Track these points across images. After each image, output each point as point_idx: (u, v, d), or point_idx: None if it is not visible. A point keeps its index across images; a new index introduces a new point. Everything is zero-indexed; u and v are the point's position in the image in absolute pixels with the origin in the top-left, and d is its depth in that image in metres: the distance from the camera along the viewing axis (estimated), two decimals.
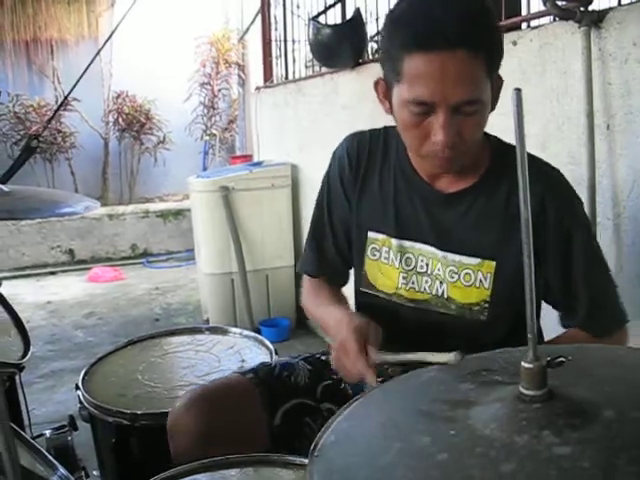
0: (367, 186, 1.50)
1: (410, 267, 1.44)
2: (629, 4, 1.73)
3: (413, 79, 1.21)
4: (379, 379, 1.30)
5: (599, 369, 0.81)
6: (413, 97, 1.22)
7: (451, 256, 1.39)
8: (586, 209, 1.74)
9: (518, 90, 0.65)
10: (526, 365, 0.70)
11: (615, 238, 1.78)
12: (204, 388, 1.49)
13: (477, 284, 1.37)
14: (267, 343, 1.96)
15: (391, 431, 0.74)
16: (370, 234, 1.49)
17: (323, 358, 1.60)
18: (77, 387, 1.78)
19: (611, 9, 1.73)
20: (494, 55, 1.24)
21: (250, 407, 1.46)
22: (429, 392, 0.84)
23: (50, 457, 1.35)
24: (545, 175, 1.33)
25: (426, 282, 1.43)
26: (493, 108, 1.30)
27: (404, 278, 1.45)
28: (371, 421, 0.80)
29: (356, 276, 1.57)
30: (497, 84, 1.29)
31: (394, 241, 1.45)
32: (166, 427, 1.46)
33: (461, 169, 1.36)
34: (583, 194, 1.75)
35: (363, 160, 1.51)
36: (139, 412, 1.62)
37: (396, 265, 1.46)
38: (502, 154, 1.37)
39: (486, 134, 1.39)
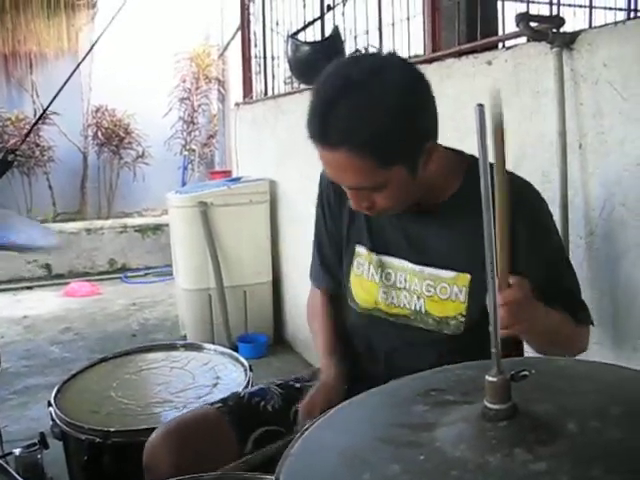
0: None
1: (390, 282, 1.47)
2: (599, 26, 1.76)
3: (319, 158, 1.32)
4: None
5: (552, 381, 0.81)
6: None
7: (427, 270, 1.42)
8: (559, 227, 1.76)
9: (481, 105, 0.66)
10: (490, 379, 0.70)
11: (587, 256, 1.79)
12: (175, 422, 1.49)
13: (453, 297, 1.40)
14: (242, 360, 1.96)
15: (354, 461, 0.71)
16: (357, 248, 1.53)
17: (297, 385, 1.61)
18: (49, 404, 1.76)
19: (582, 31, 1.76)
20: (390, 148, 1.24)
21: (221, 437, 1.47)
22: (382, 417, 0.82)
23: (18, 477, 1.33)
24: (516, 187, 1.34)
25: (405, 297, 1.46)
26: (427, 169, 1.32)
27: (384, 293, 1.48)
28: (329, 452, 0.75)
29: (345, 289, 1.60)
30: (425, 153, 1.30)
31: (374, 256, 1.49)
32: (138, 444, 1.46)
33: (429, 192, 1.40)
34: (556, 213, 1.77)
35: None
36: (112, 429, 1.61)
37: (376, 280, 1.49)
38: (476, 170, 1.39)
39: (461, 153, 1.44)
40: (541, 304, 1.25)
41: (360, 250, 1.52)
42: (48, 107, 4.61)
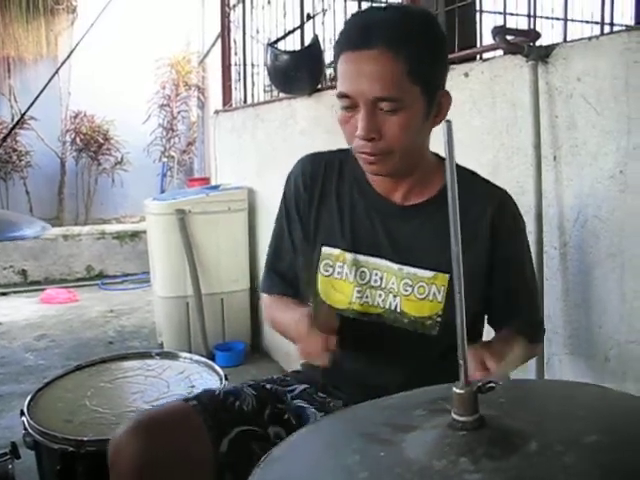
0: (325, 204, 1.52)
1: (364, 281, 1.46)
2: (573, 41, 1.79)
3: (340, 75, 1.32)
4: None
5: (541, 402, 0.83)
6: (339, 91, 1.32)
7: (406, 269, 1.42)
8: (533, 238, 1.79)
9: (448, 122, 0.68)
10: (457, 391, 0.71)
11: (561, 267, 1.81)
12: (145, 415, 1.44)
13: (430, 297, 1.40)
14: (217, 369, 1.95)
15: (330, 450, 0.78)
16: (324, 249, 1.50)
17: (268, 387, 1.58)
18: (22, 413, 1.74)
19: (557, 45, 1.78)
20: (421, 61, 1.27)
21: (194, 434, 1.42)
22: (383, 417, 0.86)
23: None
24: (494, 196, 1.43)
25: (380, 296, 1.45)
26: (436, 122, 1.37)
27: (358, 292, 1.46)
28: (319, 440, 0.84)
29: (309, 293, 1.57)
30: (442, 100, 1.35)
31: (349, 255, 1.47)
32: None
33: (413, 184, 1.43)
34: (530, 223, 1.79)
35: (319, 179, 1.53)
36: (85, 438, 1.59)
37: (350, 279, 1.47)
38: (458, 175, 1.41)
39: (441, 157, 1.45)
40: (509, 353, 1.30)
41: (329, 251, 1.49)
42: (26, 112, 4.57)
